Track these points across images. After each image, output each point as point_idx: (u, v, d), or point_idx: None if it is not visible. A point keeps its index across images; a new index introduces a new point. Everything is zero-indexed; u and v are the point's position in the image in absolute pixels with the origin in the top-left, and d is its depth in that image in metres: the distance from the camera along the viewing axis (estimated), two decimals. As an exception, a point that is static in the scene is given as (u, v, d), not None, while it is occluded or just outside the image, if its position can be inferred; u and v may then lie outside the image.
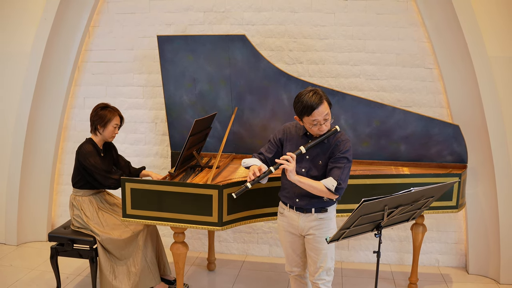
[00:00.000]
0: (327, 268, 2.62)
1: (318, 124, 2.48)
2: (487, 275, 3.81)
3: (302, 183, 2.48)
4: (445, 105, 3.86)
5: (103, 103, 3.37)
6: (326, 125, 2.51)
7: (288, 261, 2.79)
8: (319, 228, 2.59)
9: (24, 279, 3.67)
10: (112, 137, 3.38)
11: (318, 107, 2.44)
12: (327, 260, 2.61)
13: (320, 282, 2.62)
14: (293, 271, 2.80)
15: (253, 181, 2.49)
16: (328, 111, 2.50)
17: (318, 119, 2.46)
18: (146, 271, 3.28)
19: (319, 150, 2.56)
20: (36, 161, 4.29)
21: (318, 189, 2.48)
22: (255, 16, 3.96)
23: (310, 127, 2.52)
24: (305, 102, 2.45)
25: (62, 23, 4.05)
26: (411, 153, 3.59)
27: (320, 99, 2.46)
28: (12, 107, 4.17)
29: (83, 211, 3.31)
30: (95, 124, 3.31)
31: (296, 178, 2.47)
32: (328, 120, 2.51)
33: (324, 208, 2.59)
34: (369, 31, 3.86)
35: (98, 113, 3.31)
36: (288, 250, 2.75)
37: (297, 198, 2.59)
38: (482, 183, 3.74)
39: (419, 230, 3.49)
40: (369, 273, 3.89)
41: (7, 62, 4.16)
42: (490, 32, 3.53)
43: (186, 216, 2.90)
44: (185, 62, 3.60)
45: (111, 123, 3.31)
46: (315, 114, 2.44)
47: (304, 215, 2.60)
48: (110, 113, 3.31)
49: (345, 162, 2.52)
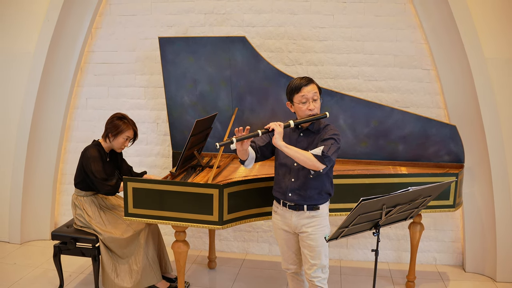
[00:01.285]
0: (322, 266, 2.62)
1: (307, 102, 2.54)
2: (484, 273, 3.81)
3: (288, 149, 2.45)
4: (442, 105, 3.86)
5: (121, 114, 3.34)
6: (315, 105, 2.56)
7: (284, 258, 2.80)
8: (311, 225, 2.59)
9: (28, 277, 3.67)
10: (121, 149, 3.36)
11: (307, 85, 2.55)
12: (321, 257, 2.60)
13: (315, 280, 2.62)
14: (289, 269, 2.80)
15: (239, 137, 2.45)
16: (317, 91, 2.57)
17: (306, 95, 2.53)
18: (147, 269, 3.28)
19: (309, 140, 2.58)
20: (39, 161, 4.29)
21: (305, 156, 2.44)
22: (255, 18, 3.96)
23: (300, 106, 2.55)
24: (294, 82, 2.58)
25: (65, 25, 4.05)
26: (409, 153, 3.59)
27: (308, 80, 2.58)
28: (15, 107, 4.17)
29: (85, 210, 3.31)
30: (107, 132, 3.30)
31: (282, 143, 2.45)
32: (317, 101, 2.57)
33: (316, 205, 2.58)
34: (367, 32, 3.86)
35: (114, 122, 3.29)
36: (284, 247, 2.75)
37: (289, 192, 2.59)
38: (479, 182, 3.74)
39: (417, 229, 3.49)
40: (368, 271, 3.89)
41: (11, 62, 4.16)
42: (487, 34, 3.53)
43: (187, 215, 2.90)
44: (186, 63, 3.60)
45: (122, 134, 3.29)
46: (304, 90, 2.53)
47: (297, 212, 2.60)
48: (124, 125, 3.29)
49: (333, 142, 2.50)
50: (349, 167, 3.55)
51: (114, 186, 3.24)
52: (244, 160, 2.62)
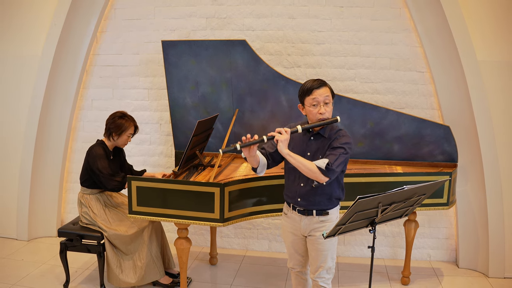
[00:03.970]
0: (328, 267, 2.57)
1: (318, 105, 2.41)
2: (476, 269, 3.81)
3: (293, 158, 2.36)
4: (436, 107, 3.86)
5: (121, 112, 3.33)
6: (327, 109, 2.43)
7: (290, 258, 2.75)
8: (320, 230, 2.52)
9: (35, 273, 3.67)
10: (125, 145, 3.38)
11: (319, 87, 2.42)
12: (328, 260, 2.56)
13: (320, 280, 2.59)
14: (294, 268, 2.76)
15: (244, 144, 2.35)
16: (329, 94, 2.43)
17: (318, 98, 2.40)
18: (151, 265, 3.28)
19: (320, 145, 2.48)
20: (46, 160, 4.29)
21: (308, 167, 2.34)
22: (255, 22, 3.96)
23: (311, 109, 2.43)
24: (307, 84, 2.45)
25: (71, 28, 4.05)
26: (404, 153, 3.59)
27: (321, 82, 2.44)
28: (24, 108, 4.16)
29: (90, 208, 3.31)
30: (110, 131, 3.29)
31: (286, 152, 2.36)
32: (328, 104, 2.43)
33: (325, 210, 2.52)
34: (364, 36, 3.86)
35: (116, 121, 3.28)
36: (290, 249, 2.70)
37: (298, 197, 2.52)
38: (472, 181, 3.74)
39: (412, 226, 3.49)
40: (364, 267, 3.89)
41: (20, 65, 4.16)
42: (479, 38, 3.53)
43: (189, 212, 2.90)
44: (188, 66, 3.60)
45: (126, 132, 3.29)
46: (315, 93, 2.40)
47: (306, 217, 2.54)
48: (127, 123, 3.29)
49: (342, 152, 2.39)
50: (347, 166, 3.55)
51: (121, 181, 3.23)
52: (256, 168, 2.54)
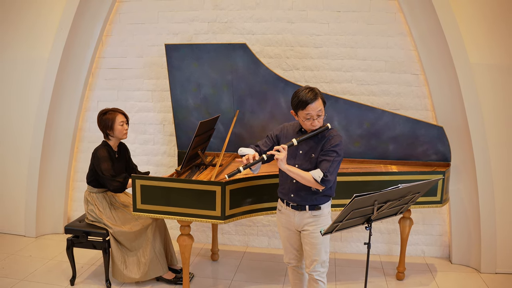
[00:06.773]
0: (322, 261, 2.60)
1: (311, 118, 2.44)
2: (469, 265, 3.81)
3: (291, 172, 2.44)
4: (430, 108, 3.86)
5: (102, 110, 3.33)
6: (319, 121, 2.47)
7: (286, 253, 2.78)
8: (313, 224, 2.56)
9: (42, 269, 3.66)
10: (124, 134, 3.33)
11: (313, 102, 2.41)
12: (321, 253, 2.58)
13: (315, 274, 2.61)
14: (290, 263, 2.78)
15: (246, 166, 2.44)
16: (321, 107, 2.45)
17: (311, 113, 2.42)
18: (154, 261, 3.28)
19: (312, 144, 2.52)
20: (53, 159, 4.29)
21: (306, 179, 2.42)
22: (255, 26, 3.96)
23: (303, 121, 2.48)
24: (301, 97, 2.43)
25: (77, 32, 4.05)
26: (399, 152, 3.58)
27: (315, 96, 2.43)
28: (31, 109, 4.16)
29: (96, 206, 3.31)
30: (104, 130, 3.29)
31: (286, 167, 2.42)
32: (321, 116, 2.47)
33: (317, 205, 2.55)
34: (360, 40, 3.86)
35: (102, 120, 3.28)
36: (286, 244, 2.73)
37: (291, 193, 2.57)
38: (464, 180, 3.73)
39: (406, 223, 3.49)
40: (360, 263, 3.89)
41: (28, 68, 4.16)
42: (472, 41, 3.53)
43: (192, 210, 2.90)
44: (191, 69, 3.59)
45: (116, 123, 3.27)
46: (309, 109, 2.41)
47: (299, 212, 2.57)
48: (111, 115, 3.27)
49: (335, 156, 2.45)
50: (343, 166, 3.54)
51: (123, 182, 3.23)
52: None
